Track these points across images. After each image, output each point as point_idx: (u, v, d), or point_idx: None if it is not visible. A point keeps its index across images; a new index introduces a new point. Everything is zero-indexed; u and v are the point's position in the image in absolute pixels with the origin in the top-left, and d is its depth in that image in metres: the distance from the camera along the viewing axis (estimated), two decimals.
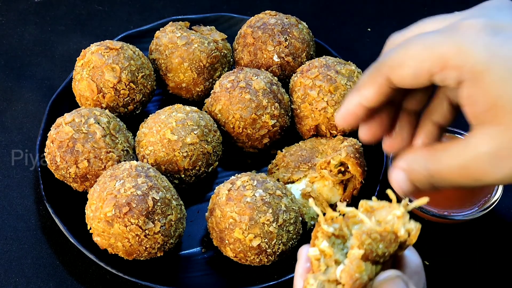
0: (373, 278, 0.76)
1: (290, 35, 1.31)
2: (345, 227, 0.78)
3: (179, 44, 1.28)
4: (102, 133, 1.13)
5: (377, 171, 1.22)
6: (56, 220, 1.13)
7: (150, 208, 1.02)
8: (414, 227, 0.76)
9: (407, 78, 0.80)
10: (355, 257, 0.74)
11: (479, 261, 1.17)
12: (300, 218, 1.10)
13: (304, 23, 1.36)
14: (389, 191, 0.77)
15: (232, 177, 1.10)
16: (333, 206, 1.17)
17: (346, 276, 0.74)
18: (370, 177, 1.21)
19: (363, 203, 0.78)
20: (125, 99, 1.24)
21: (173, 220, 1.05)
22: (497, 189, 1.17)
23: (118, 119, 1.21)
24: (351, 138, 1.22)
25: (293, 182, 1.19)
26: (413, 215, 1.20)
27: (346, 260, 0.75)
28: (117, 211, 1.01)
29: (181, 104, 1.22)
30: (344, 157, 1.15)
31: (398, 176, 0.84)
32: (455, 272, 1.16)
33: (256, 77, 1.22)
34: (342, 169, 1.16)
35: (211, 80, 1.31)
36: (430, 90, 0.86)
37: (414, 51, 0.79)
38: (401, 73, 0.81)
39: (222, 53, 1.32)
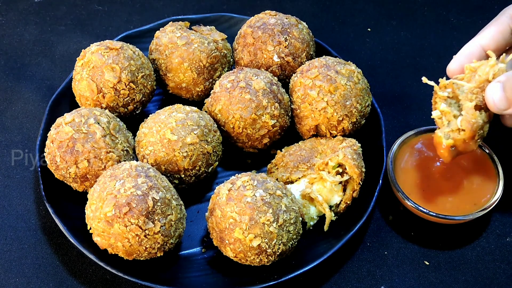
0: (488, 121, 1.03)
1: (290, 35, 1.31)
2: (457, 89, 1.04)
3: (179, 44, 1.28)
4: (102, 133, 1.13)
5: (377, 171, 1.22)
6: (56, 220, 1.13)
7: (150, 208, 1.02)
8: (499, 66, 1.02)
9: None
10: (469, 108, 1.01)
11: (479, 261, 1.17)
12: (300, 218, 1.10)
13: (304, 23, 1.36)
14: (489, 51, 1.03)
15: (232, 177, 1.10)
16: (332, 207, 1.17)
17: (465, 123, 1.02)
18: (371, 177, 1.21)
19: (467, 66, 1.04)
20: (125, 99, 1.24)
21: (173, 220, 1.05)
22: (497, 189, 1.17)
23: (118, 119, 1.21)
24: (350, 138, 1.22)
25: (292, 182, 1.19)
26: (414, 215, 1.20)
27: (463, 111, 1.02)
28: (117, 211, 1.01)
29: (181, 104, 1.22)
30: (341, 159, 1.15)
31: (494, 86, 1.00)
32: (455, 272, 1.16)
33: (256, 77, 1.22)
34: (340, 170, 1.16)
35: (211, 80, 1.31)
36: None
37: None
38: None
39: (222, 53, 1.32)
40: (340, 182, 1.16)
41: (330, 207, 1.17)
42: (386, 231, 1.21)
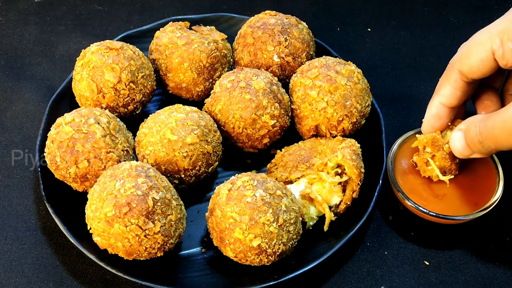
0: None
1: (290, 35, 1.31)
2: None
3: (179, 44, 1.28)
4: (102, 133, 1.13)
5: (377, 171, 1.22)
6: (56, 220, 1.13)
7: (150, 208, 1.02)
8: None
9: (475, 65, 0.91)
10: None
11: (479, 261, 1.17)
12: (300, 218, 1.10)
13: (304, 23, 1.36)
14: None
15: (232, 177, 1.10)
16: (332, 208, 1.17)
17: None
18: (371, 177, 1.21)
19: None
20: (125, 99, 1.24)
21: (173, 220, 1.05)
22: (497, 189, 1.17)
23: (118, 119, 1.21)
24: (350, 139, 1.22)
25: (291, 181, 1.19)
26: (414, 215, 1.20)
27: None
28: (117, 211, 1.01)
29: (181, 104, 1.22)
30: (340, 159, 1.15)
31: (456, 135, 1.00)
32: (455, 272, 1.16)
33: (256, 77, 1.22)
34: (339, 171, 1.16)
35: (211, 80, 1.31)
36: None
37: (477, 39, 0.90)
38: (469, 62, 0.91)
39: (222, 53, 1.32)
40: (340, 183, 1.16)
41: (330, 207, 1.17)
42: (386, 231, 1.21)
